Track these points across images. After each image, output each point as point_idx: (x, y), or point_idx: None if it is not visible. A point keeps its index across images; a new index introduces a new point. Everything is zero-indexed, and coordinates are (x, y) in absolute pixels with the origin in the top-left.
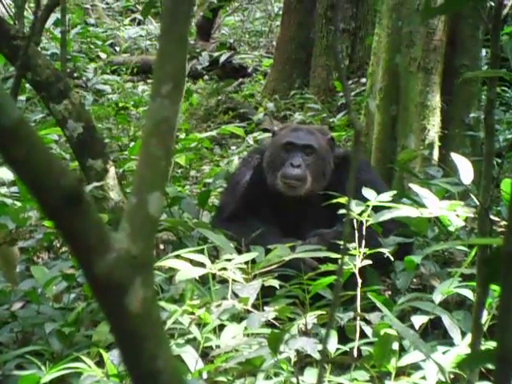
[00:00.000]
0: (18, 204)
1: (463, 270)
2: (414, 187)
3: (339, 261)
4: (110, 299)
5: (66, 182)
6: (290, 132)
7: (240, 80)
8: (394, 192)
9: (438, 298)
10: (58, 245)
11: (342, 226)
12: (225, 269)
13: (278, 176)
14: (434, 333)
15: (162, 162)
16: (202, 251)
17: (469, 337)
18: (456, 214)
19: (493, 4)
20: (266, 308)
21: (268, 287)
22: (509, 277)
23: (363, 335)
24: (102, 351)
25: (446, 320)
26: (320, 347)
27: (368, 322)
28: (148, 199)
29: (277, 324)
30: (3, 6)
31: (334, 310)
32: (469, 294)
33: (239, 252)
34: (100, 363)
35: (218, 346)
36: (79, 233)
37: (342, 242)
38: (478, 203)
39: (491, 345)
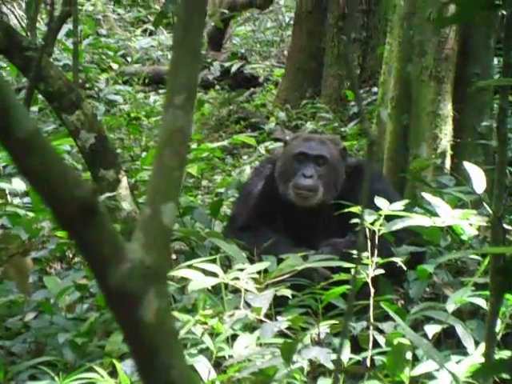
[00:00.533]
0: (31, 215)
1: (476, 279)
2: (427, 196)
3: (352, 270)
4: (124, 309)
5: (80, 192)
6: (302, 142)
7: (251, 90)
8: (407, 201)
9: (451, 307)
10: (71, 255)
11: (355, 235)
12: (237, 278)
13: (290, 186)
14: (448, 342)
15: (175, 172)
16: (214, 261)
17: (482, 346)
18: (469, 223)
19: (504, 13)
20: (278, 318)
21: (281, 297)
22: None
23: (376, 345)
24: (115, 361)
25: (460, 329)
26: (333, 357)
27: (381, 332)
28: (162, 210)
29: (290, 334)
30: (15, 17)
31: (348, 320)
32: (482, 303)
33: (251, 262)
34: (113, 373)
35: (230, 356)
36: (94, 243)
37: (354, 252)
38: (490, 212)
39: (505, 354)
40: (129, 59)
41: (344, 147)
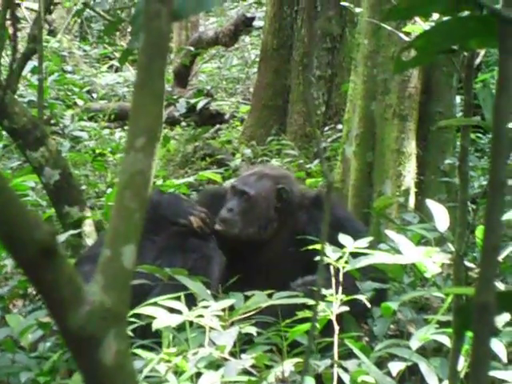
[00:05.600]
0: None
1: (439, 317)
2: (391, 234)
3: (313, 307)
4: (84, 352)
5: (39, 235)
6: (242, 175)
7: (217, 126)
8: (371, 238)
9: (415, 344)
10: (34, 292)
11: (317, 272)
12: (202, 316)
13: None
14: (412, 379)
15: (136, 214)
16: (178, 298)
17: (446, 383)
18: (432, 261)
19: (465, 54)
20: (243, 356)
21: (246, 334)
22: (480, 327)
23: (341, 382)
24: None
25: (424, 367)
26: None
27: (345, 370)
28: (122, 252)
29: (254, 372)
30: None
31: (309, 357)
32: (446, 340)
33: (215, 299)
34: None
35: None
36: (52, 286)
37: (316, 289)
38: (453, 250)
39: None
40: (94, 95)
41: (282, 187)
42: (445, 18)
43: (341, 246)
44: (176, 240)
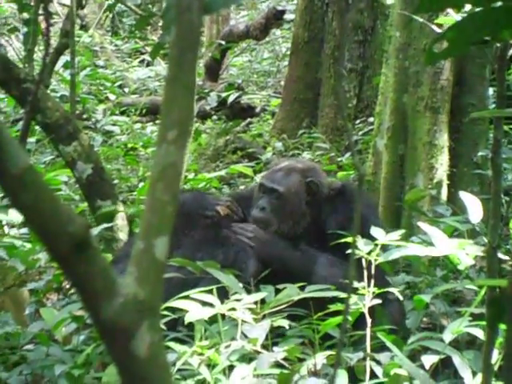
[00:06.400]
0: (28, 246)
1: (473, 310)
2: (423, 226)
3: (345, 300)
4: (117, 344)
5: (73, 228)
6: (269, 172)
7: (248, 120)
8: (403, 231)
9: (448, 337)
10: (67, 286)
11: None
12: (234, 309)
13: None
14: (445, 372)
15: (168, 206)
16: (211, 291)
17: (479, 376)
18: (465, 253)
19: (498, 45)
20: (275, 348)
21: (278, 327)
22: None
23: (373, 375)
24: None
25: (457, 359)
26: None
27: (378, 362)
28: (155, 244)
29: (286, 364)
30: (13, 49)
31: (341, 350)
32: (479, 333)
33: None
34: None
35: None
36: (86, 278)
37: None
38: (486, 242)
39: None
40: (126, 90)
41: (311, 180)
42: (477, 9)
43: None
44: (212, 233)
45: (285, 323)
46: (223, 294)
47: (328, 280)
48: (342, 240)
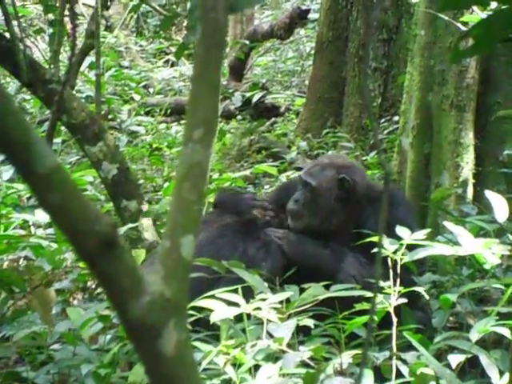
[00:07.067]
0: (54, 246)
1: (500, 309)
2: (449, 225)
3: (371, 299)
4: (144, 342)
5: (100, 227)
6: (308, 165)
7: (273, 119)
8: (429, 230)
9: (474, 336)
10: (94, 286)
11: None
12: (259, 308)
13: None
14: (472, 372)
15: (194, 205)
16: (236, 291)
17: (507, 376)
18: (491, 252)
19: None
20: (301, 348)
21: (303, 327)
22: None
23: (399, 375)
24: None
25: (484, 359)
26: None
27: (404, 362)
28: (181, 242)
29: (312, 364)
30: (39, 50)
31: (367, 349)
32: (506, 332)
33: (273, 291)
34: None
35: None
36: (113, 277)
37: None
38: None
39: None
40: (151, 90)
41: (344, 177)
42: (503, 7)
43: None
44: (241, 224)
45: (310, 322)
46: (248, 294)
47: (355, 279)
48: (368, 240)
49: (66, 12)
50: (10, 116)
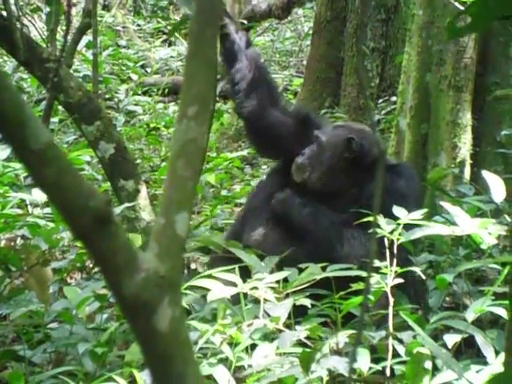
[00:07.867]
0: (51, 225)
1: (496, 289)
2: (446, 205)
3: (366, 279)
4: (139, 319)
5: (94, 203)
6: (326, 126)
7: None
8: (425, 210)
9: (470, 316)
10: (91, 265)
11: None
12: (256, 288)
13: None
14: (468, 352)
15: (189, 182)
16: (233, 271)
17: (502, 355)
18: (488, 232)
19: None
20: (297, 327)
21: (300, 306)
22: None
23: (396, 354)
24: (134, 371)
25: (480, 339)
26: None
27: (400, 341)
28: (175, 219)
29: (308, 343)
30: (36, 29)
31: (361, 328)
32: (502, 312)
33: (270, 271)
34: (133, 383)
35: (249, 366)
36: (108, 253)
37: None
38: (510, 221)
39: None
40: (148, 70)
41: (352, 137)
42: None
43: (395, 219)
44: None
45: (307, 302)
46: (245, 273)
47: (351, 257)
48: (366, 219)
49: None
50: (4, 92)
